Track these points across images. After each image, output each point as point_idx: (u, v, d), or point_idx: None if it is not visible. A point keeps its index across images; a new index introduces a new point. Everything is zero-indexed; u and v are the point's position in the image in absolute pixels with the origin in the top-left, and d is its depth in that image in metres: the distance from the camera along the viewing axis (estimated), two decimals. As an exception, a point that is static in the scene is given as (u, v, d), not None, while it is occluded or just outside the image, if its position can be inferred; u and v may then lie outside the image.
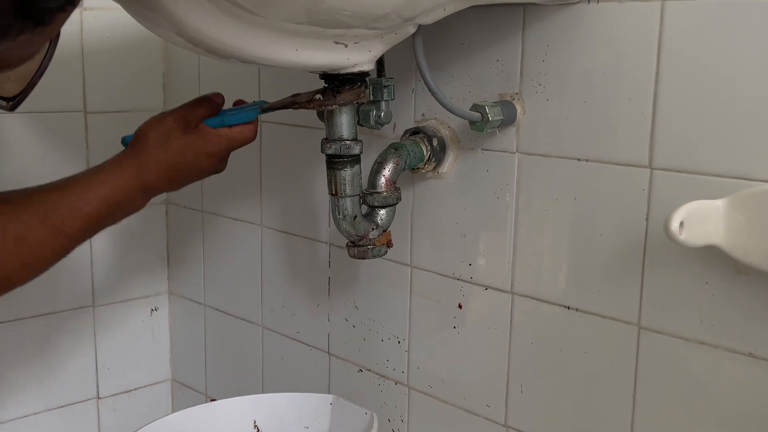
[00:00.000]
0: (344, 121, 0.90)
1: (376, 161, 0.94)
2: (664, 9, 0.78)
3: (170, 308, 1.48)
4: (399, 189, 0.95)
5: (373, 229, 0.94)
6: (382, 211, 0.95)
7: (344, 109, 0.89)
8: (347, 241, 0.96)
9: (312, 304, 1.20)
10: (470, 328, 0.99)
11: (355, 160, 0.91)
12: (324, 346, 1.19)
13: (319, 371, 1.20)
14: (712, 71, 0.76)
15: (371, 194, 0.94)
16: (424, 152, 0.96)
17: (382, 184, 0.93)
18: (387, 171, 0.93)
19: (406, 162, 0.95)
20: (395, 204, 0.95)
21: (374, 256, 0.96)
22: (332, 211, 0.93)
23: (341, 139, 0.90)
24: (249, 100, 1.24)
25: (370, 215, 0.95)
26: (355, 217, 0.93)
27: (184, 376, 1.47)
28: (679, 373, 0.81)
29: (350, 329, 1.14)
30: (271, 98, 1.22)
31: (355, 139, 0.91)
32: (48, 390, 1.35)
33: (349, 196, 0.91)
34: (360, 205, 0.93)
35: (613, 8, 0.82)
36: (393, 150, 0.95)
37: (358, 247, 0.95)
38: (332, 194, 0.92)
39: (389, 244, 0.97)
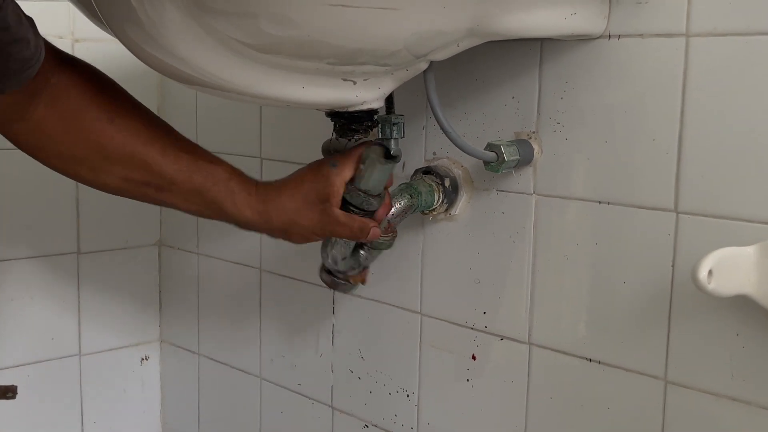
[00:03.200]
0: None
1: None
2: (689, 45, 0.80)
3: (162, 357, 1.48)
4: (396, 232, 0.96)
5: (354, 268, 0.97)
6: (368, 252, 0.97)
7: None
8: (322, 264, 0.98)
9: (314, 354, 1.20)
10: (485, 380, 0.99)
11: None
12: (327, 400, 1.19)
13: (322, 427, 1.20)
14: (740, 110, 0.77)
15: None
16: (436, 198, 0.98)
17: (384, 230, 0.94)
18: (392, 215, 0.94)
19: (415, 208, 0.97)
20: (385, 249, 0.97)
21: (343, 292, 1.00)
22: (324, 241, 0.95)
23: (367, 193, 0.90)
24: (249, 134, 1.26)
25: (356, 253, 0.96)
26: (344, 258, 0.95)
27: (176, 430, 1.47)
28: (708, 431, 0.81)
29: (355, 381, 1.15)
30: (274, 134, 1.24)
31: (379, 195, 0.91)
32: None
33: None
34: (349, 244, 0.95)
35: (634, 44, 0.83)
36: (408, 194, 0.96)
37: (332, 277, 0.98)
38: None
39: (363, 282, 0.99)
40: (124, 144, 0.85)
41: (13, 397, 1.01)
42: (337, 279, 0.98)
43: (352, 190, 0.89)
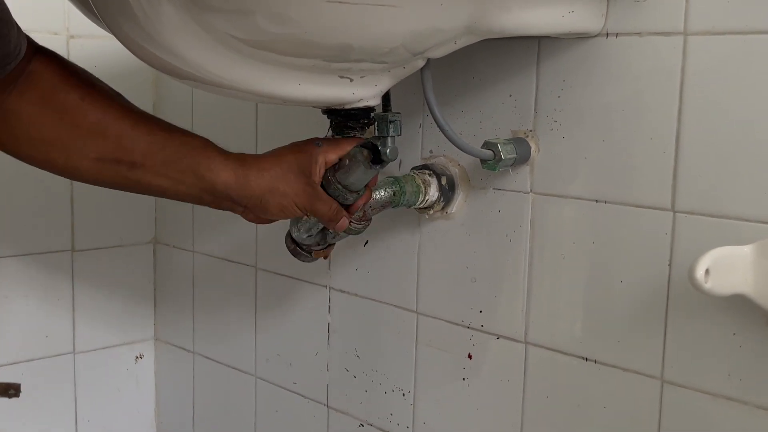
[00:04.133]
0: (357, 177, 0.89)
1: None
2: (687, 43, 0.80)
3: (156, 356, 1.48)
4: (370, 221, 0.96)
5: (319, 244, 0.97)
6: (340, 234, 0.97)
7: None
8: (289, 231, 0.98)
9: (310, 353, 1.20)
10: (481, 380, 1.00)
11: None
12: (322, 399, 1.19)
13: (317, 426, 1.20)
14: (738, 108, 0.77)
15: None
16: (420, 199, 0.97)
17: (357, 218, 0.93)
18: (369, 205, 0.93)
19: (395, 205, 0.96)
20: (356, 234, 0.97)
21: (303, 262, 1.00)
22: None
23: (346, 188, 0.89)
24: (245, 131, 1.27)
25: (325, 231, 0.96)
26: (311, 234, 0.96)
27: (170, 429, 1.47)
28: (705, 431, 0.82)
29: (351, 380, 1.15)
30: (270, 132, 1.24)
31: (357, 192, 0.90)
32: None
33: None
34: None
35: (632, 42, 0.84)
36: (391, 190, 0.95)
37: (296, 246, 0.98)
38: None
39: (325, 257, 1.00)
40: (96, 120, 0.83)
41: (17, 395, 1.00)
42: (300, 249, 0.98)
43: (331, 181, 0.88)
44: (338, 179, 0.88)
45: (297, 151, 0.89)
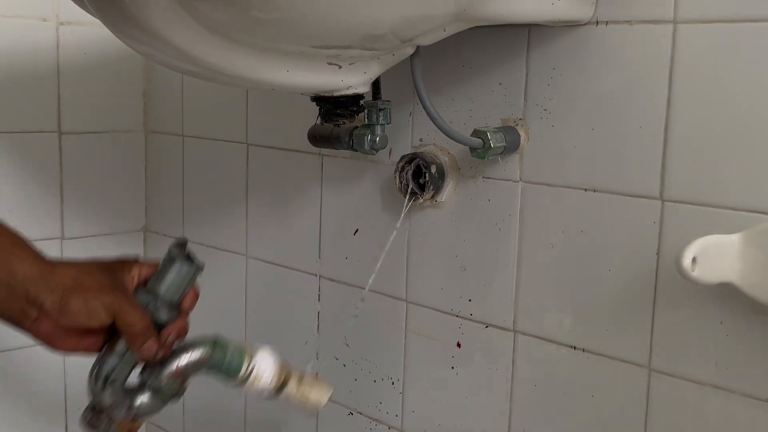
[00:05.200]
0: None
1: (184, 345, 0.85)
2: (677, 31, 0.80)
3: (146, 344, 1.48)
4: (186, 384, 0.86)
5: (121, 407, 0.83)
6: (148, 397, 0.84)
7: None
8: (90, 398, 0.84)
9: (299, 341, 1.20)
10: (470, 368, 1.00)
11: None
12: (312, 387, 1.19)
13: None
14: (727, 97, 0.78)
15: (151, 370, 0.83)
16: (244, 369, 0.86)
17: (169, 373, 0.83)
18: (183, 362, 0.84)
19: (213, 367, 0.86)
20: (168, 401, 0.85)
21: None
22: (98, 357, 0.83)
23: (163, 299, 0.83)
24: (235, 119, 1.26)
25: (132, 391, 0.84)
26: (114, 380, 0.82)
27: (160, 422, 1.47)
28: (692, 419, 0.82)
29: (340, 369, 1.15)
30: (260, 120, 1.24)
31: (170, 307, 0.84)
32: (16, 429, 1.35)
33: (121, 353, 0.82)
34: (132, 368, 0.83)
35: (622, 30, 0.84)
36: (210, 347, 0.86)
37: (95, 414, 0.84)
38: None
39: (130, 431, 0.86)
40: None
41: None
42: (97, 420, 0.84)
43: (141, 291, 0.82)
44: (150, 286, 0.82)
45: (111, 260, 0.83)
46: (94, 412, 0.84)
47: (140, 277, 0.83)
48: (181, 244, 0.85)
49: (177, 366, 0.83)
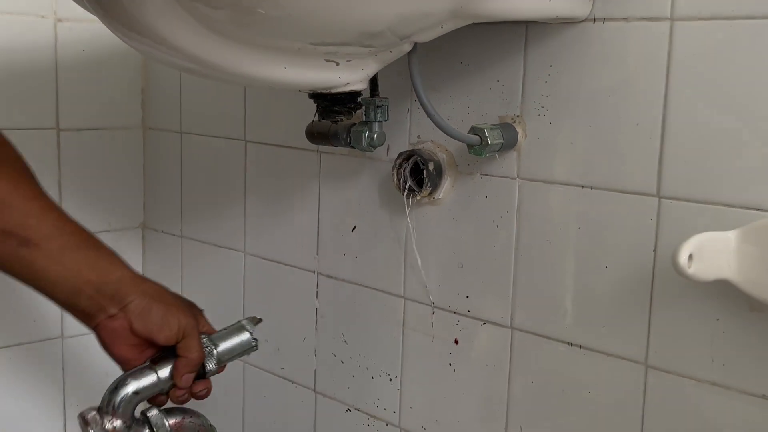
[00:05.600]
0: None
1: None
2: (674, 28, 0.80)
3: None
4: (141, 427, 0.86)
5: (124, 426, 0.85)
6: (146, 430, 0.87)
7: None
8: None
9: (298, 338, 1.20)
10: (467, 365, 1.00)
11: None
12: (310, 384, 1.20)
13: (305, 410, 1.20)
14: (724, 95, 0.78)
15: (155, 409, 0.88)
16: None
17: (173, 422, 0.88)
18: (186, 421, 0.89)
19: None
20: None
21: None
22: (135, 370, 0.86)
23: None
24: (234, 116, 1.26)
25: (137, 420, 0.87)
26: (141, 397, 0.86)
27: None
28: (688, 415, 0.82)
29: (338, 365, 1.15)
30: (259, 117, 1.25)
31: (218, 362, 0.90)
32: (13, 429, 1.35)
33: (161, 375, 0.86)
34: (152, 395, 0.87)
35: (619, 27, 0.84)
36: (210, 428, 0.91)
37: (99, 415, 0.85)
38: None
39: None
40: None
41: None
42: (96, 423, 0.85)
43: (206, 338, 0.89)
44: (212, 336, 0.90)
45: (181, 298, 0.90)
46: (100, 414, 0.86)
47: (203, 327, 0.90)
48: (256, 322, 0.94)
49: (181, 421, 0.89)
